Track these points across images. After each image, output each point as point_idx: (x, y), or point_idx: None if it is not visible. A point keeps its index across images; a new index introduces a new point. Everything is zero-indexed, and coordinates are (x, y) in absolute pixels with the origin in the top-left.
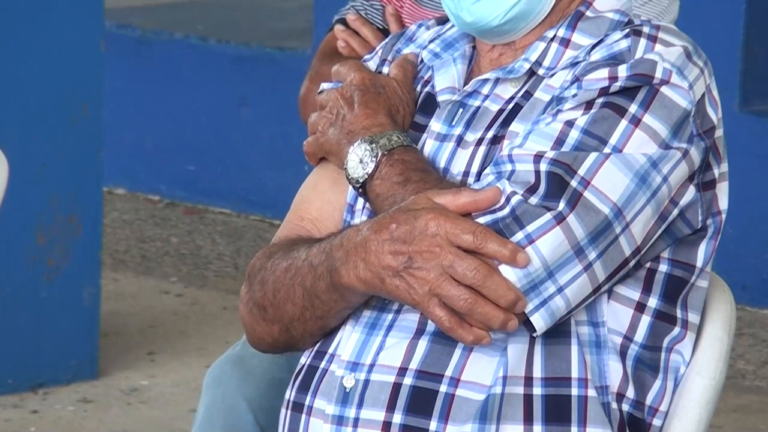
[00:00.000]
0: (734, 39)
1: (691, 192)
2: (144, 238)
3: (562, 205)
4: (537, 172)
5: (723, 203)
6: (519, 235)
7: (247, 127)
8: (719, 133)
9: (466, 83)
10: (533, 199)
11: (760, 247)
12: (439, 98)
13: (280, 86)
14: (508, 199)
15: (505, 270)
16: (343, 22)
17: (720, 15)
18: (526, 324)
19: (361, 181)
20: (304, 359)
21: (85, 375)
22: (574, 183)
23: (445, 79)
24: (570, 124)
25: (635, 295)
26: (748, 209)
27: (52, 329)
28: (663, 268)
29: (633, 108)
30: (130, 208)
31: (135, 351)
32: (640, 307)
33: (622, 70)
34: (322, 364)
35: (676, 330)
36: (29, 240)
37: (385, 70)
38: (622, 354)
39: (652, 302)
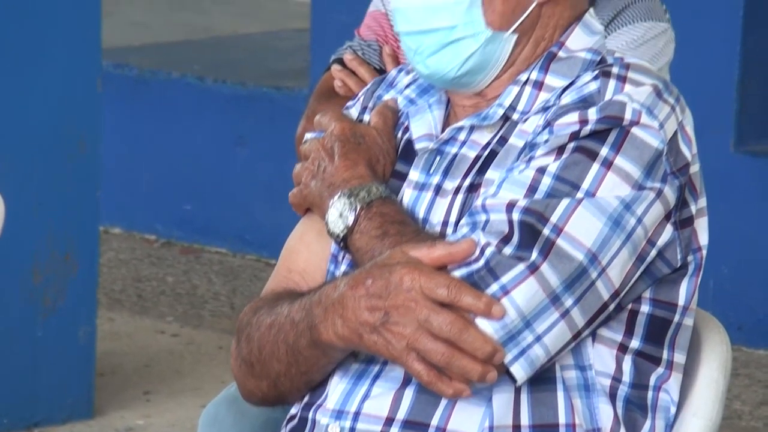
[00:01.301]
0: (729, 79)
1: (668, 231)
2: (140, 278)
3: (534, 255)
4: (510, 222)
5: (703, 239)
6: (494, 287)
7: (243, 166)
8: (695, 168)
9: (443, 128)
10: (507, 250)
11: (755, 288)
12: (417, 146)
13: (277, 125)
14: (482, 251)
15: (482, 322)
16: (340, 62)
17: (715, 55)
18: (508, 373)
19: (341, 235)
20: (295, 409)
21: (80, 414)
22: (546, 231)
23: (422, 126)
24: (542, 170)
25: (618, 337)
26: (744, 249)
27: (47, 368)
28: (645, 308)
29: (604, 151)
30: (127, 248)
31: (130, 391)
32: (623, 348)
33: (592, 113)
34: (310, 415)
35: (661, 369)
36: (25, 278)
37: (366, 117)
38: (612, 396)
39: (635, 344)
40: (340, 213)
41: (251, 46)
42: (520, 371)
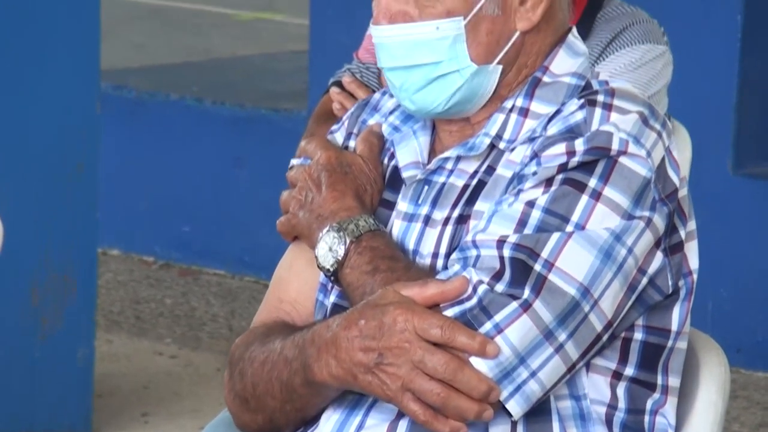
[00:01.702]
0: (727, 102)
1: (658, 258)
2: (138, 299)
3: (527, 292)
4: (501, 258)
5: (693, 263)
6: (487, 326)
7: (242, 188)
8: (683, 192)
9: (429, 155)
10: (499, 287)
11: (754, 310)
12: (404, 174)
13: (275, 147)
14: (474, 289)
15: (476, 361)
16: (338, 84)
17: (713, 78)
18: (504, 409)
19: (332, 270)
20: None
21: None
22: (537, 267)
23: (408, 154)
24: (531, 204)
25: (612, 365)
26: (742, 271)
27: (45, 389)
28: (638, 336)
29: (592, 182)
30: (125, 269)
31: (129, 412)
32: (617, 376)
33: (579, 144)
34: None
35: (656, 395)
36: (23, 299)
37: (352, 143)
38: (608, 422)
39: (629, 371)
40: (329, 247)
41: (250, 67)
42: (516, 407)
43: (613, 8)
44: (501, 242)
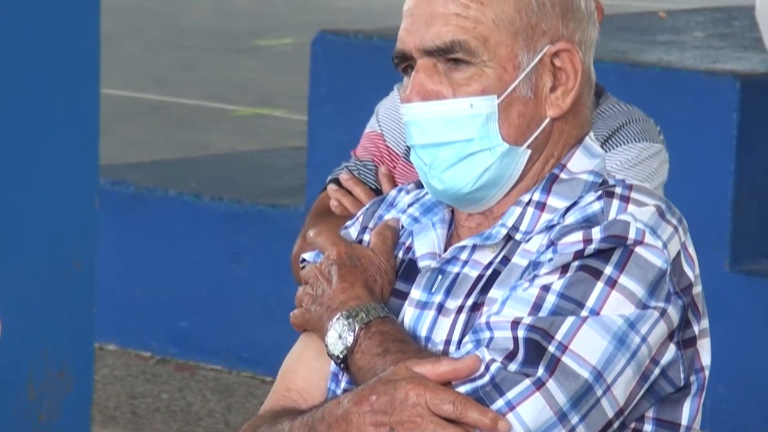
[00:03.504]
0: (724, 199)
1: (671, 350)
2: (135, 395)
3: (541, 371)
4: (515, 339)
5: (705, 359)
6: (499, 402)
7: (239, 283)
8: (697, 289)
9: (446, 248)
10: (512, 366)
11: (751, 406)
12: (420, 264)
13: (273, 243)
14: (487, 367)
15: None
16: (336, 181)
17: (710, 175)
18: None
19: (341, 356)
20: None
21: None
22: (551, 348)
23: (425, 245)
24: (546, 288)
25: None
26: (740, 368)
27: None
28: (648, 428)
29: (608, 270)
30: (122, 364)
31: None
32: None
33: (596, 233)
34: None
35: None
36: (20, 395)
37: (366, 237)
38: None
39: None
40: (339, 335)
41: (248, 163)
42: None
43: (610, 106)
44: (515, 324)
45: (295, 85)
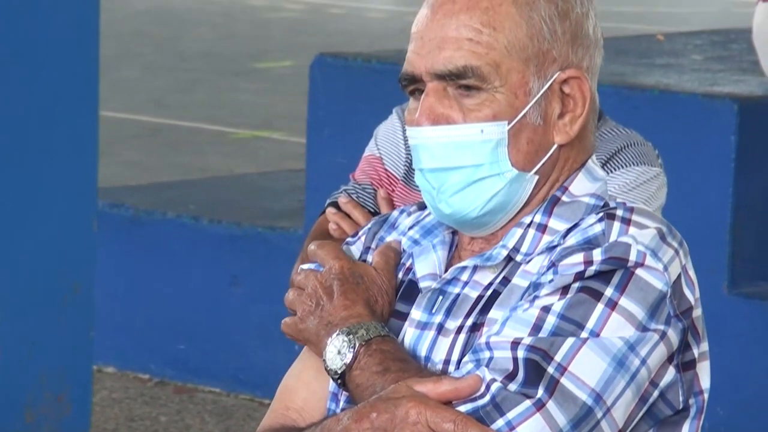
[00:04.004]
0: (722, 222)
1: (671, 373)
2: (133, 417)
3: (540, 392)
4: (515, 359)
5: (705, 382)
6: (500, 422)
7: (238, 306)
8: (698, 312)
9: (446, 269)
10: (513, 386)
11: (750, 429)
12: (421, 285)
13: (271, 266)
14: (488, 387)
15: None
16: (335, 205)
17: (708, 199)
18: None
19: (339, 372)
20: None
21: None
22: (551, 369)
23: (426, 266)
24: (546, 309)
25: None
26: (738, 391)
27: None
28: None
29: (609, 292)
30: (120, 387)
31: None
32: None
33: (597, 254)
34: None
35: None
36: (17, 418)
37: (368, 257)
38: None
39: None
40: (338, 350)
41: (247, 186)
42: None
43: (608, 130)
44: (515, 344)
45: (293, 107)
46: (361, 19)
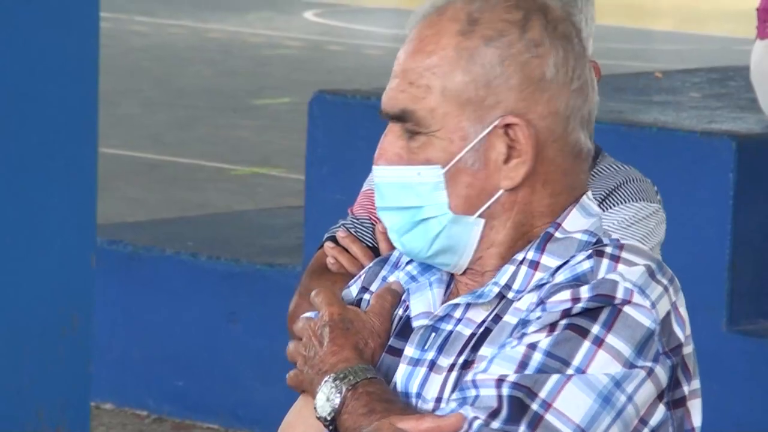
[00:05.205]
0: (720, 259)
1: (660, 411)
2: None
3: (522, 429)
4: (499, 397)
5: (696, 420)
6: None
7: (236, 342)
8: (688, 350)
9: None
10: (495, 424)
11: None
12: (414, 323)
13: (269, 302)
14: (470, 425)
15: None
16: (333, 239)
17: (706, 236)
18: None
19: (329, 418)
20: None
21: None
22: (534, 406)
23: (421, 304)
24: (533, 346)
25: None
26: (736, 428)
27: None
28: None
29: (595, 329)
30: (118, 423)
31: None
32: None
33: (584, 291)
34: None
35: None
36: None
37: (366, 296)
38: None
39: None
40: (327, 397)
41: (245, 223)
42: None
43: (607, 166)
44: (500, 381)
45: (292, 144)
46: (360, 56)
